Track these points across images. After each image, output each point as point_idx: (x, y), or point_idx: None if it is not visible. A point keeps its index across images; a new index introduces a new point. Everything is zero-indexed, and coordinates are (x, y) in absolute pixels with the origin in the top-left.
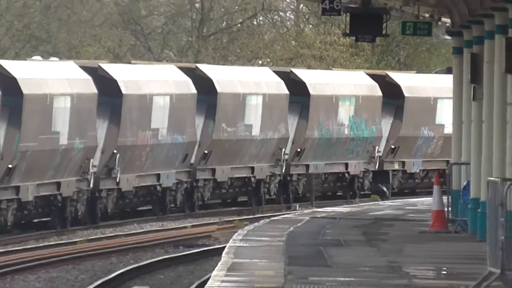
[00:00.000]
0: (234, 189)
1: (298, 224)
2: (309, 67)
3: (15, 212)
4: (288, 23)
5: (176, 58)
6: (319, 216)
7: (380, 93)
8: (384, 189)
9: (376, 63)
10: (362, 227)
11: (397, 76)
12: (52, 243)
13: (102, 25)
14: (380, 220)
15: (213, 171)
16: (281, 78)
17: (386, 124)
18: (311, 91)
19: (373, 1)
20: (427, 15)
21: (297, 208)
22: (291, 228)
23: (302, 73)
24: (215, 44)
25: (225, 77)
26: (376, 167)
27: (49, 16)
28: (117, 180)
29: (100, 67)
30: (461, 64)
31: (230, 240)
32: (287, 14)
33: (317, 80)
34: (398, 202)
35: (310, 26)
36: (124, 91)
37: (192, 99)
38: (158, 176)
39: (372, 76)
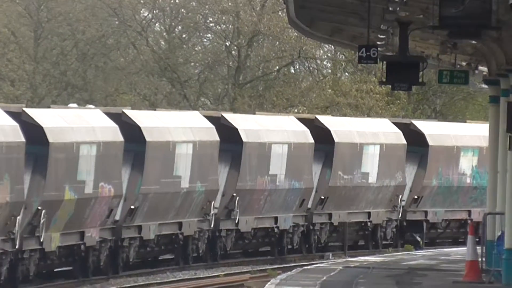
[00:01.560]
0: (352, 233)
1: (331, 274)
2: (344, 115)
3: (137, 249)
4: (324, 71)
5: (212, 106)
6: (352, 265)
7: None
8: (418, 238)
9: (412, 111)
10: (395, 277)
11: None
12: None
13: (139, 73)
14: (413, 270)
15: (330, 215)
16: (400, 129)
17: None
18: (430, 142)
19: (410, 50)
20: (464, 63)
21: (330, 257)
22: (324, 278)
23: (421, 125)
24: (251, 92)
25: (343, 127)
26: None
27: (86, 63)
28: (236, 221)
29: (222, 116)
30: (497, 113)
31: None
32: (324, 62)
33: (437, 131)
34: (432, 252)
35: (346, 74)
36: (244, 139)
37: (310, 148)
38: (275, 219)
39: None
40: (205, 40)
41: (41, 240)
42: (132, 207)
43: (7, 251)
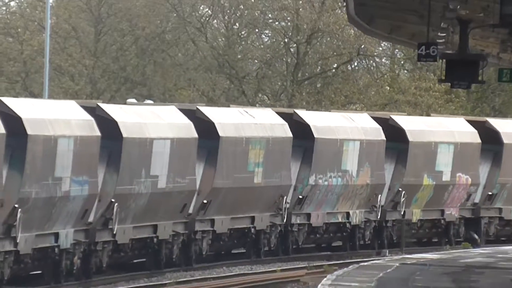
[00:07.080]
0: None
1: (388, 270)
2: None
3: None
4: (383, 68)
5: (270, 102)
6: (408, 262)
7: None
8: (476, 236)
9: (471, 110)
10: (452, 274)
11: None
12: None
13: (197, 69)
14: (470, 268)
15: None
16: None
17: None
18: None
19: (469, 47)
20: None
21: (387, 254)
22: (381, 274)
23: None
24: (309, 88)
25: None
26: None
27: (145, 59)
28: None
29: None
30: None
31: (319, 285)
32: (383, 60)
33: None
34: (489, 249)
35: (405, 71)
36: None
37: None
38: None
39: None
40: (263, 36)
41: (402, 213)
42: (490, 193)
43: (371, 220)
